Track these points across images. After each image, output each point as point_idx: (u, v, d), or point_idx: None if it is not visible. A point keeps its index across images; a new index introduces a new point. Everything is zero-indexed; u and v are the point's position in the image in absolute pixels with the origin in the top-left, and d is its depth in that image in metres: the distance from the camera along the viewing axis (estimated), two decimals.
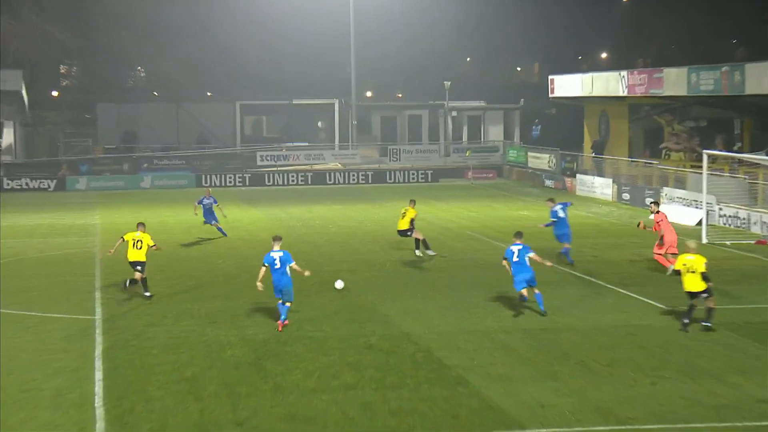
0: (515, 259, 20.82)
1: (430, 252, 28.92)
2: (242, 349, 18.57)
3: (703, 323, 19.25)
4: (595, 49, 79.26)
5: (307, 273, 20.68)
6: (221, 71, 69.63)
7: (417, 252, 28.87)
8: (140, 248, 23.34)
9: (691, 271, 19.12)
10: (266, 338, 19.44)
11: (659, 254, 25.93)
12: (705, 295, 19.19)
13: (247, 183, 56.86)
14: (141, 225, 23.95)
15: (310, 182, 57.50)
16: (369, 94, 76.36)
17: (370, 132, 69.29)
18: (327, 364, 17.53)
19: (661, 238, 25.76)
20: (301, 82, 69.12)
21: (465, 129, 68.73)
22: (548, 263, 21.64)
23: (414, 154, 62.35)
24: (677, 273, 19.31)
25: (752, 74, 35.78)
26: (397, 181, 58.35)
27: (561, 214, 27.56)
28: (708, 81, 38.79)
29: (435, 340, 19.16)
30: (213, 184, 56.06)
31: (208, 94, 70.29)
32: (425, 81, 72.82)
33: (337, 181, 57.79)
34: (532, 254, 20.89)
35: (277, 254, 20.42)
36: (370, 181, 57.72)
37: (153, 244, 23.59)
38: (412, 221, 28.49)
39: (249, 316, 21.41)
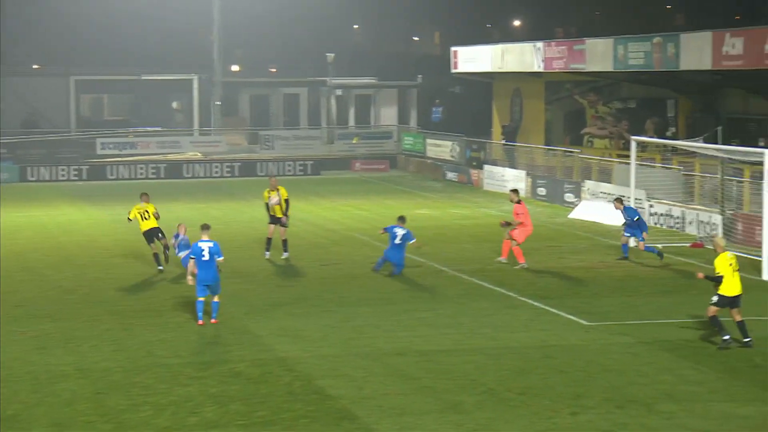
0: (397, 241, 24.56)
1: (285, 255, 30.06)
2: (78, 381, 18.28)
3: (745, 340, 19.91)
4: (508, 15, 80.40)
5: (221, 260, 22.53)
6: (51, 38, 68.23)
7: (267, 255, 30.07)
8: (148, 218, 27.70)
9: (737, 270, 19.87)
10: (109, 366, 19.17)
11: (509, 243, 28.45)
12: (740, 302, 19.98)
13: (85, 176, 55.88)
14: (144, 195, 28.42)
15: (163, 175, 56.88)
16: (236, 68, 75.87)
17: (237, 114, 68.86)
18: (183, 396, 17.38)
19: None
20: (152, 52, 68.21)
21: (352, 111, 68.88)
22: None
23: (291, 141, 62.27)
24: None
25: (688, 46, 36.78)
26: (269, 173, 58.12)
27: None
28: (638, 54, 39.74)
29: (316, 366, 19.18)
30: (41, 177, 54.94)
31: (35, 66, 68.79)
32: (304, 53, 72.81)
33: (196, 174, 57.32)
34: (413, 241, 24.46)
35: (205, 245, 22.15)
36: (236, 174, 57.42)
37: (155, 210, 28.04)
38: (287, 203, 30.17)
39: (87, 340, 21.09)
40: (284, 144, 61.74)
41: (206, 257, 22.19)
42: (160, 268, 28.15)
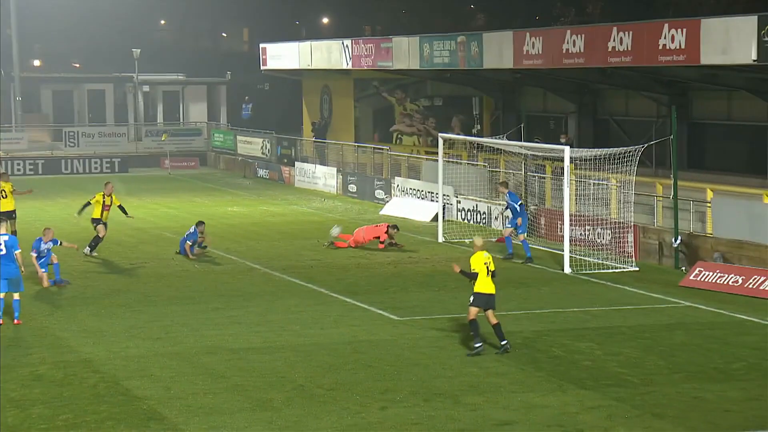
0: None
1: (93, 253, 30.15)
2: None
3: (502, 343, 19.54)
4: (315, 12, 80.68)
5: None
6: None
7: (87, 250, 30.03)
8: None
9: (491, 270, 19.52)
10: None
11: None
12: (494, 303, 19.56)
13: None
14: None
15: None
16: (37, 62, 73.86)
17: (39, 111, 67.05)
18: None
19: None
20: None
21: (160, 107, 68.00)
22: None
23: (96, 138, 61.00)
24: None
25: (491, 45, 37.62)
26: (75, 171, 56.91)
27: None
28: (443, 53, 40.44)
29: (122, 367, 18.87)
30: None
31: None
32: (109, 48, 71.39)
33: None
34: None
35: (1, 238, 21.70)
36: (40, 172, 55.94)
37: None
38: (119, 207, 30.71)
39: None
40: (89, 141, 60.42)
41: (3, 251, 21.66)
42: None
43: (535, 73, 38.21)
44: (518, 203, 29.67)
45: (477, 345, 19.46)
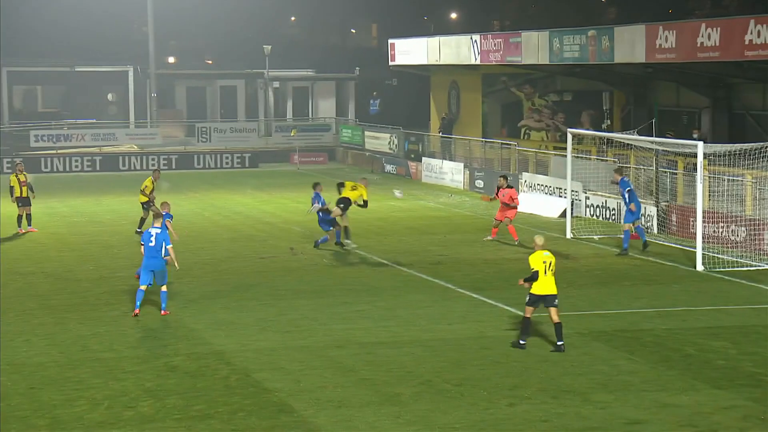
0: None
1: (348, 242, 30.15)
2: (11, 376, 18.06)
3: (558, 343, 19.52)
4: (444, 7, 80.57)
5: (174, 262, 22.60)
6: None
7: (347, 241, 30.10)
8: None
9: (552, 269, 19.56)
10: (42, 361, 18.98)
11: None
12: (556, 302, 19.61)
13: None
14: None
15: (98, 168, 56.41)
16: (172, 59, 75.30)
17: (173, 106, 68.40)
18: (119, 391, 17.25)
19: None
20: (87, 43, 67.46)
21: (290, 103, 68.74)
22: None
23: (228, 133, 61.97)
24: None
25: (622, 39, 37.13)
26: (207, 166, 57.89)
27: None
28: (573, 47, 40.04)
29: (253, 359, 19.13)
30: None
31: None
32: (241, 44, 72.36)
33: (133, 167, 56.90)
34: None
35: (154, 230, 22.20)
36: (173, 167, 57.03)
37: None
38: (365, 203, 30.61)
39: (20, 335, 20.85)
40: (221, 136, 61.41)
41: (153, 243, 22.18)
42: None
43: (668, 67, 37.54)
44: (626, 189, 29.69)
45: (521, 341, 19.55)
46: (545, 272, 19.44)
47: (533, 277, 19.40)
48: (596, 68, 41.44)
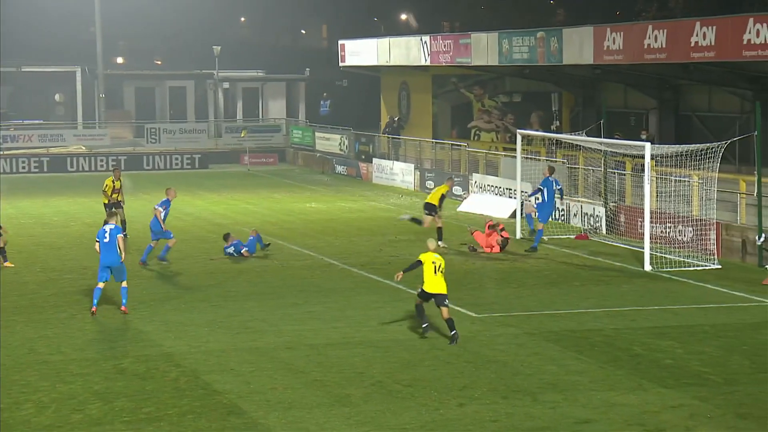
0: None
1: (441, 243, 29.40)
2: None
3: (451, 333, 20.02)
4: (394, 8, 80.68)
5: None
6: None
7: (440, 243, 29.21)
8: None
9: (441, 270, 20.09)
10: None
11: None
12: (446, 301, 20.20)
13: None
14: None
15: (46, 169, 56.01)
16: (120, 60, 74.84)
17: (122, 107, 67.94)
18: (67, 393, 17.11)
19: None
20: (33, 43, 66.84)
21: (240, 104, 68.50)
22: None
23: (177, 134, 61.65)
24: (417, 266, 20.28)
25: (570, 41, 37.35)
26: (156, 167, 57.60)
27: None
28: (522, 49, 40.23)
29: (203, 361, 19.04)
30: None
31: None
32: (190, 45, 72.09)
33: (81, 168, 56.53)
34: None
35: (108, 227, 22.43)
36: (123, 168, 56.40)
37: None
38: (442, 198, 30.68)
39: None
40: (170, 137, 61.07)
41: (107, 239, 22.24)
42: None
43: (616, 69, 37.82)
44: (545, 187, 30.81)
45: (424, 325, 20.33)
46: (435, 272, 20.11)
47: (416, 264, 20.30)
48: (545, 69, 41.68)
